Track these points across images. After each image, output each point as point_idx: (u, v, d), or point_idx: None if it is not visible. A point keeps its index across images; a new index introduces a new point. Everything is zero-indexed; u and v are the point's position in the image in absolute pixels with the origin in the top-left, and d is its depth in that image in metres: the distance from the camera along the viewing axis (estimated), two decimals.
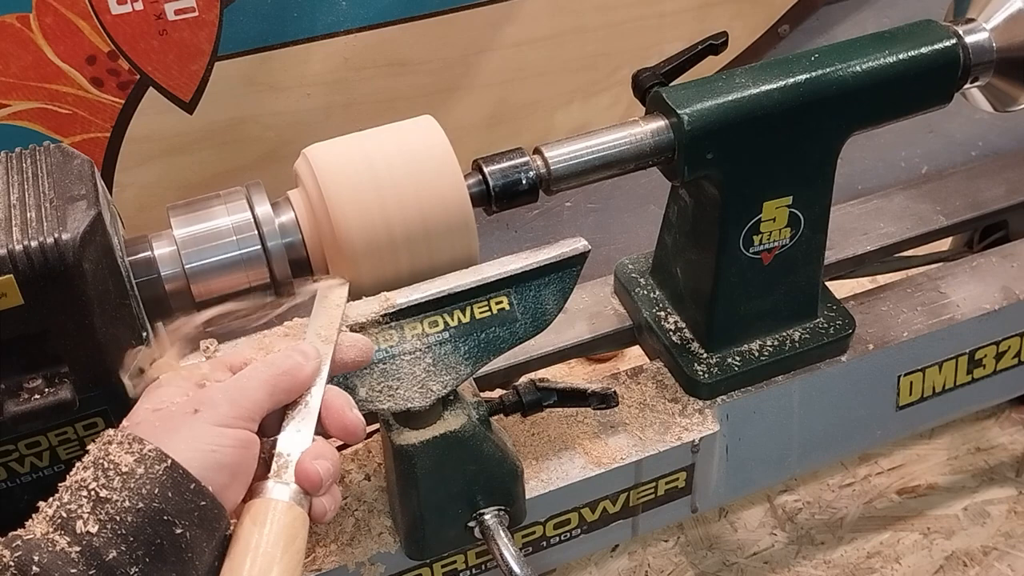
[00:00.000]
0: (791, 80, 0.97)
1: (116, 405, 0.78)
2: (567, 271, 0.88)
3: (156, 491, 0.60)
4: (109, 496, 0.60)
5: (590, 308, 1.24)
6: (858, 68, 0.98)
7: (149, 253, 0.84)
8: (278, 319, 0.83)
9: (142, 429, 0.64)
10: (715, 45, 1.04)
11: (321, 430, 0.72)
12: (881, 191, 1.44)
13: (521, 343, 0.88)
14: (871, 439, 1.26)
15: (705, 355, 1.11)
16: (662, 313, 1.16)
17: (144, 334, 0.81)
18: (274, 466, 0.68)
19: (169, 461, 0.62)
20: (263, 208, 0.85)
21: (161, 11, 1.11)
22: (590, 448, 1.07)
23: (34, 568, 0.56)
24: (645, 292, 1.19)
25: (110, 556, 0.58)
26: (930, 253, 1.44)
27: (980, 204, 1.41)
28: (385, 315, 0.83)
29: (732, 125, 0.95)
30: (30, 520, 0.61)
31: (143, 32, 1.11)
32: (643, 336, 1.20)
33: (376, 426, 1.06)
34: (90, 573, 0.58)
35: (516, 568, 0.93)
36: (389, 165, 0.85)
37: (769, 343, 1.12)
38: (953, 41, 1.02)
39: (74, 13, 1.08)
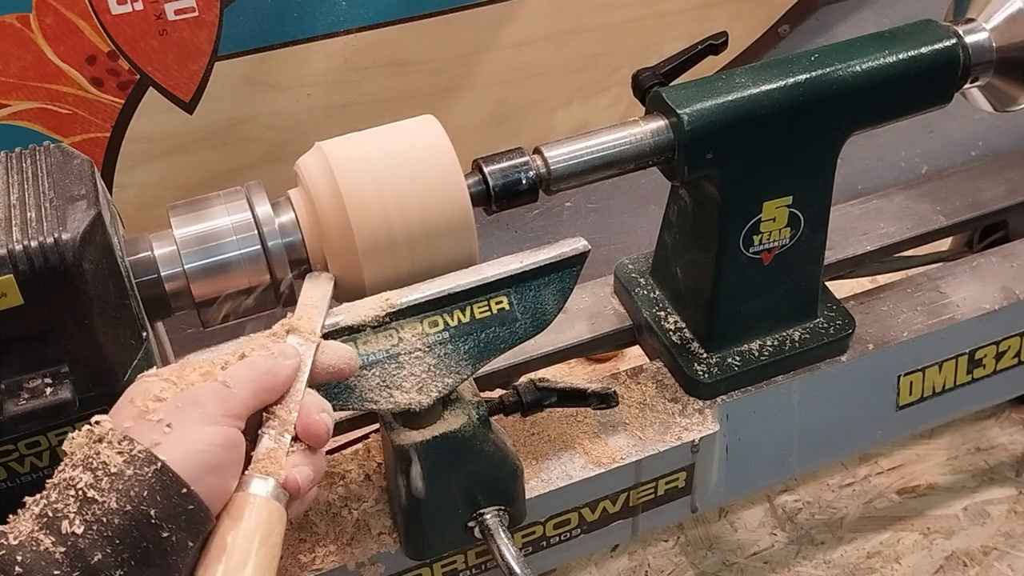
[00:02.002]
0: (791, 80, 0.97)
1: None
2: (567, 271, 0.88)
3: (144, 494, 0.60)
4: (96, 497, 0.59)
5: (590, 308, 1.24)
6: (858, 68, 0.98)
7: (149, 253, 0.84)
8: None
9: (129, 427, 0.63)
10: (715, 45, 1.04)
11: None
12: (881, 191, 1.44)
13: (521, 343, 0.87)
14: (871, 439, 1.26)
15: (705, 355, 1.11)
16: (662, 313, 1.16)
17: (144, 334, 0.81)
18: (253, 462, 0.68)
19: (159, 464, 0.61)
20: (263, 208, 0.85)
21: (161, 11, 1.11)
22: (590, 448, 1.07)
23: (16, 568, 0.56)
24: (645, 292, 1.19)
25: (95, 559, 0.58)
26: (930, 253, 1.44)
27: (980, 204, 1.41)
28: (385, 315, 0.83)
29: (732, 125, 0.95)
30: (16, 516, 0.60)
31: (143, 32, 1.11)
32: (643, 336, 1.20)
33: (376, 426, 1.06)
34: (74, 575, 0.57)
35: (516, 568, 0.92)
36: (389, 165, 0.85)
37: (769, 343, 1.12)
38: (953, 41, 1.02)
39: (74, 13, 1.08)
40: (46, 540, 0.57)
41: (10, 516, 0.60)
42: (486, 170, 0.91)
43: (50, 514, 0.59)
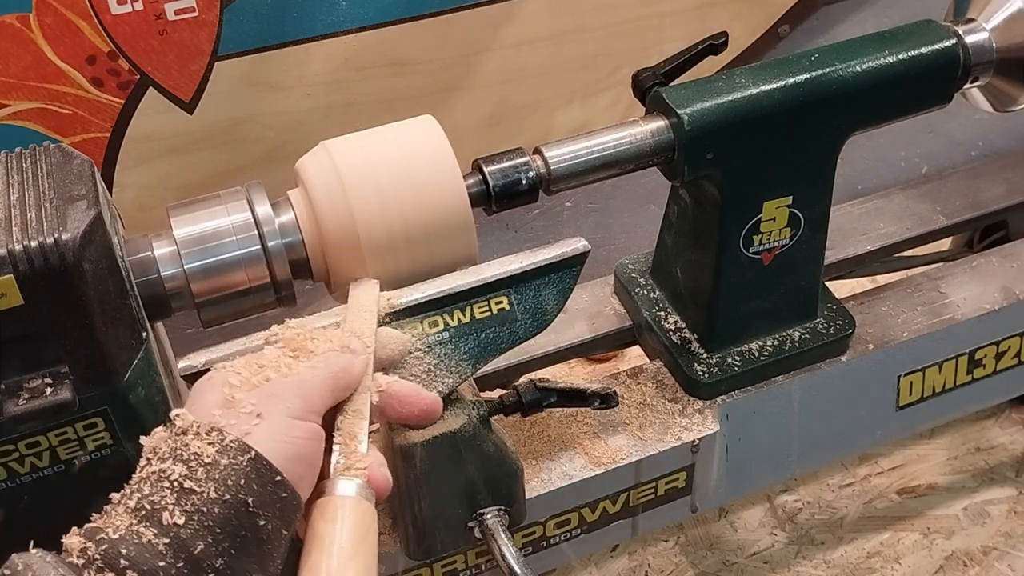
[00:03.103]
0: (791, 80, 0.97)
1: (116, 405, 0.78)
2: (567, 271, 0.88)
3: (241, 482, 0.60)
4: (194, 487, 0.59)
5: (590, 308, 1.24)
6: (858, 68, 0.98)
7: (149, 253, 0.84)
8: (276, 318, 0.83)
9: (216, 415, 0.64)
10: (715, 45, 1.04)
11: (396, 420, 0.75)
12: (881, 191, 1.44)
13: (521, 343, 0.87)
14: (871, 439, 1.26)
15: (705, 355, 1.11)
16: (662, 313, 1.16)
17: (144, 334, 0.81)
18: (335, 464, 0.68)
19: (253, 452, 0.61)
20: (263, 208, 0.85)
21: (161, 11, 1.11)
22: (590, 448, 1.07)
23: (122, 561, 0.56)
24: (645, 292, 1.19)
25: (197, 548, 0.58)
26: (930, 253, 1.44)
27: (980, 204, 1.41)
28: (385, 315, 0.83)
29: (732, 125, 0.95)
30: (103, 513, 0.60)
31: (143, 32, 1.11)
32: (643, 336, 1.20)
33: (376, 426, 1.06)
34: (178, 565, 0.57)
35: (516, 568, 0.92)
36: (389, 165, 0.85)
37: (769, 343, 1.12)
38: (953, 41, 1.02)
39: (74, 13, 1.08)
40: (147, 532, 0.58)
41: (92, 515, 0.60)
42: (486, 170, 0.91)
43: (148, 507, 0.59)
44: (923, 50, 1.00)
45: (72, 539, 0.58)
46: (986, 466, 1.63)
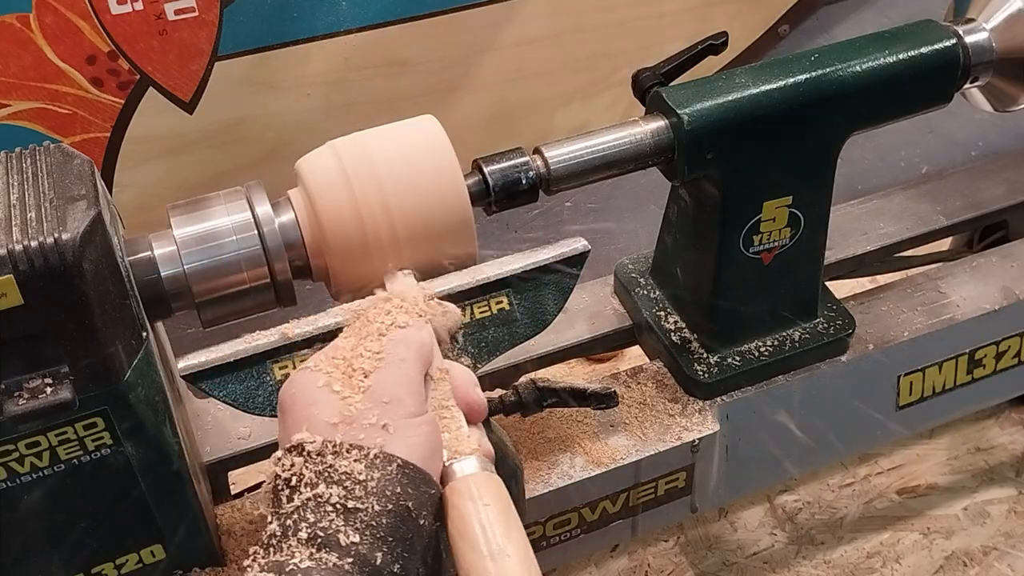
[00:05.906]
0: (791, 80, 0.97)
1: (116, 405, 0.78)
2: (567, 271, 0.88)
3: (398, 490, 0.63)
4: (358, 506, 0.62)
5: (590, 308, 1.24)
6: (858, 68, 0.98)
7: (149, 253, 0.84)
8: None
9: (345, 433, 0.65)
10: (715, 45, 1.04)
11: None
12: (881, 191, 1.44)
13: (521, 343, 0.87)
14: (871, 439, 1.26)
15: (705, 355, 1.11)
16: (662, 313, 1.16)
17: (144, 334, 0.81)
18: (445, 449, 0.69)
19: (399, 460, 0.64)
20: (263, 208, 0.85)
21: (161, 11, 1.11)
22: (590, 448, 1.07)
23: None
24: (645, 292, 1.19)
25: (377, 560, 0.61)
26: (930, 253, 1.44)
27: (980, 204, 1.41)
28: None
29: (732, 125, 0.95)
30: (268, 548, 0.61)
31: (143, 32, 1.11)
32: (643, 336, 1.20)
33: None
34: None
35: None
36: (389, 165, 0.85)
37: (769, 343, 1.12)
38: (953, 41, 1.02)
39: (74, 13, 1.08)
40: (330, 557, 0.60)
41: (253, 550, 0.61)
42: (486, 170, 0.91)
43: (321, 534, 0.61)
44: (923, 50, 1.00)
45: None
46: (986, 466, 1.63)
